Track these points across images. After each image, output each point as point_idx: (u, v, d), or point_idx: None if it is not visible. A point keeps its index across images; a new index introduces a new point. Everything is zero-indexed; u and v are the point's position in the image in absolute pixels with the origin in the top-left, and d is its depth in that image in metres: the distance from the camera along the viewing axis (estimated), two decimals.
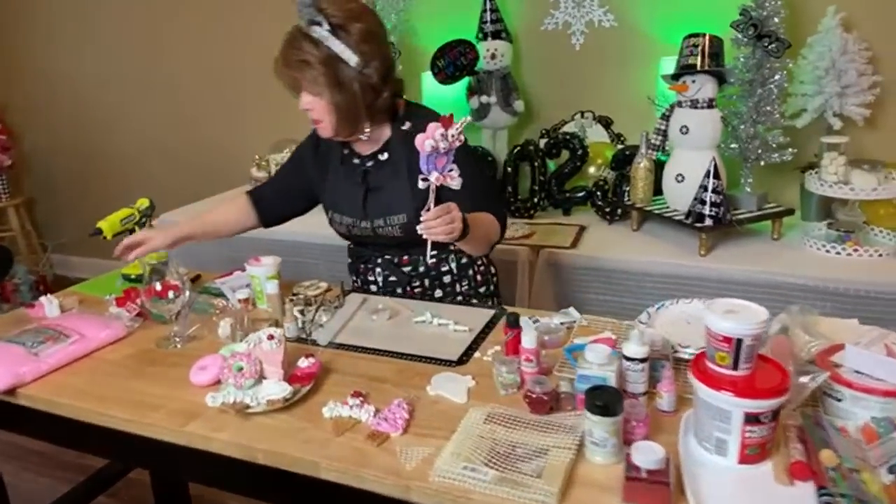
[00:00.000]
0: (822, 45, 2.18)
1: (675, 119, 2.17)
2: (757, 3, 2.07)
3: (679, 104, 2.16)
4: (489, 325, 1.36)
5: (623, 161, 2.46)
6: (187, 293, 1.36)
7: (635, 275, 2.11)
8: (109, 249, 1.79)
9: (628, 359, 1.00)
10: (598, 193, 2.45)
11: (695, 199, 2.08)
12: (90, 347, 1.33)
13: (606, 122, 2.69)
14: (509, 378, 1.07)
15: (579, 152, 2.51)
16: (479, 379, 1.14)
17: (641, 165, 2.25)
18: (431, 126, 1.17)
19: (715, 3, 2.41)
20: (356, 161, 1.56)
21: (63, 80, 3.82)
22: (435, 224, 1.21)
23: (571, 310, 1.35)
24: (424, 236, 1.22)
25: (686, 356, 1.11)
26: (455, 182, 1.20)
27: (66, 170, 4.02)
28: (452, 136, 1.17)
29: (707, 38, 2.09)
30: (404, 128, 1.51)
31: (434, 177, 1.19)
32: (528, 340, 1.08)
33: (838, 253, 2.01)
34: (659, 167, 2.29)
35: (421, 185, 1.21)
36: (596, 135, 2.68)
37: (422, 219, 1.21)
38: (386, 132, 1.53)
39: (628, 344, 1.01)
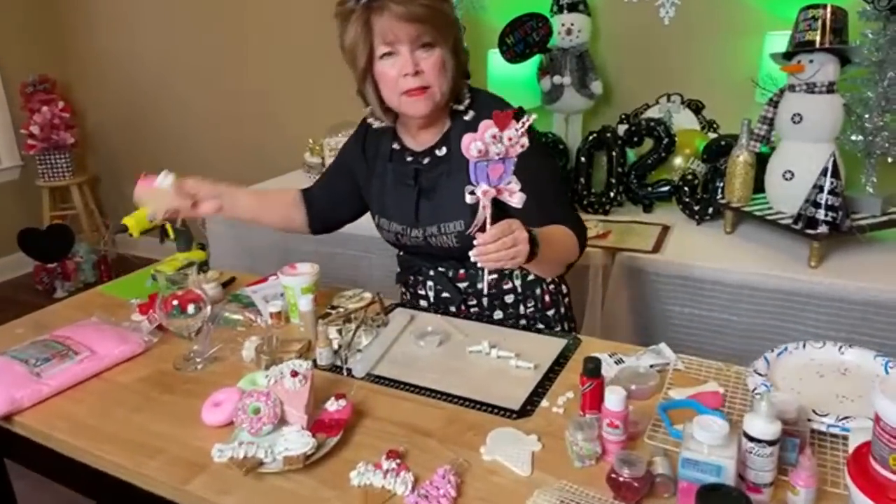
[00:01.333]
0: None
1: (785, 105, 1.84)
2: None
3: (791, 88, 1.83)
4: (559, 361, 1.12)
5: (717, 152, 2.14)
6: (209, 308, 1.18)
7: (729, 287, 1.82)
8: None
9: (752, 439, 0.75)
10: (686, 189, 2.15)
11: (806, 200, 1.76)
12: (101, 366, 1.17)
13: (697, 107, 2.37)
14: (587, 448, 0.84)
15: (665, 141, 2.20)
16: (546, 440, 0.91)
17: (741, 158, 1.94)
18: (484, 125, 0.94)
19: None
20: (408, 158, 1.33)
21: (127, 58, 3.74)
22: (492, 248, 0.98)
23: (663, 347, 1.09)
24: (479, 264, 0.99)
25: (823, 428, 0.85)
26: (515, 198, 0.96)
27: (129, 148, 3.97)
28: (510, 138, 0.93)
29: (829, 9, 1.75)
30: (467, 118, 1.28)
31: (481, 189, 0.96)
32: (614, 401, 0.83)
33: None
34: (760, 161, 1.97)
35: (468, 199, 0.97)
36: (684, 121, 2.37)
37: (475, 242, 0.98)
38: (446, 121, 1.29)
39: (753, 419, 0.75)
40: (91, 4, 3.74)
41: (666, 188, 2.22)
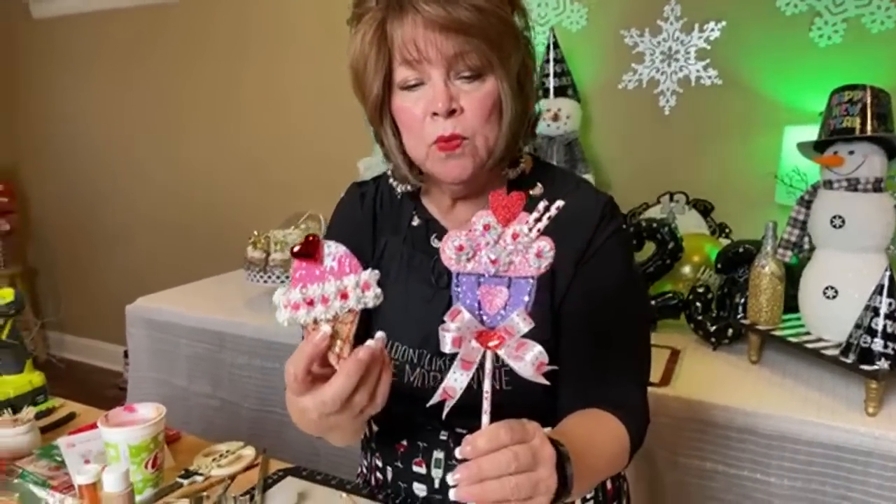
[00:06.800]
0: None
1: (821, 206, 1.48)
2: None
3: (827, 184, 1.48)
4: None
5: (733, 261, 1.77)
6: None
7: (762, 437, 1.38)
8: (110, 331, 1.24)
9: None
10: (698, 304, 1.75)
11: (857, 326, 1.37)
12: None
13: (705, 209, 2.03)
14: None
15: (671, 245, 1.83)
16: None
17: (767, 270, 1.56)
18: (479, 213, 0.58)
19: (862, 53, 1.77)
20: (436, 242, 0.87)
21: (81, 147, 3.45)
22: (488, 469, 0.56)
23: None
24: (453, 495, 0.57)
25: None
26: (524, 360, 0.57)
27: (70, 240, 3.61)
28: (516, 235, 0.57)
29: (870, 91, 1.43)
30: (534, 192, 0.87)
31: (452, 334, 0.57)
32: None
33: None
34: (789, 273, 1.59)
35: (445, 346, 0.58)
36: (689, 224, 2.02)
37: (458, 451, 0.57)
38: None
39: None
40: (51, 88, 3.48)
41: (674, 302, 1.82)
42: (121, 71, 3.19)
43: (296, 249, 0.59)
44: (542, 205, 0.57)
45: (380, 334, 0.63)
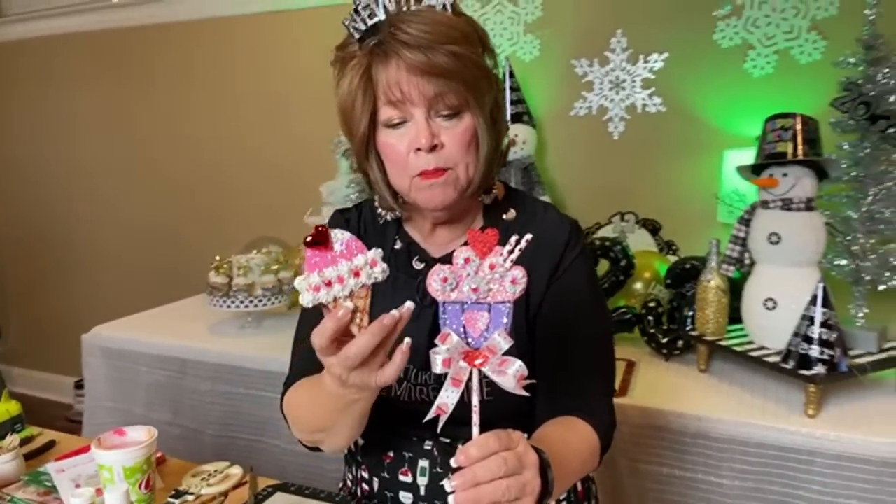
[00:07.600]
0: None
1: (759, 224, 1.61)
2: (866, 76, 1.56)
3: (764, 204, 1.60)
4: None
5: (681, 276, 1.88)
6: None
7: (714, 440, 1.48)
8: (59, 363, 1.22)
9: None
10: (650, 318, 1.85)
11: (795, 334, 1.48)
12: None
13: (653, 227, 2.14)
14: None
15: (623, 263, 1.93)
16: None
17: (712, 284, 1.67)
18: (459, 249, 0.65)
19: (792, 82, 1.92)
20: (419, 264, 0.94)
21: (32, 171, 3.37)
22: (481, 474, 0.62)
23: None
24: (453, 503, 0.62)
25: None
26: (507, 374, 0.63)
27: (20, 268, 3.50)
28: (493, 266, 0.64)
29: (800, 119, 1.57)
30: (507, 216, 0.94)
31: (442, 357, 0.64)
32: None
33: None
34: (732, 287, 1.71)
35: (436, 364, 0.65)
36: (639, 242, 2.13)
37: (453, 461, 0.63)
38: (475, 217, 0.96)
39: None
40: (6, 112, 3.38)
41: (627, 317, 1.92)
42: (78, 96, 3.15)
43: (308, 240, 0.65)
44: (513, 238, 0.65)
45: (408, 304, 0.67)
